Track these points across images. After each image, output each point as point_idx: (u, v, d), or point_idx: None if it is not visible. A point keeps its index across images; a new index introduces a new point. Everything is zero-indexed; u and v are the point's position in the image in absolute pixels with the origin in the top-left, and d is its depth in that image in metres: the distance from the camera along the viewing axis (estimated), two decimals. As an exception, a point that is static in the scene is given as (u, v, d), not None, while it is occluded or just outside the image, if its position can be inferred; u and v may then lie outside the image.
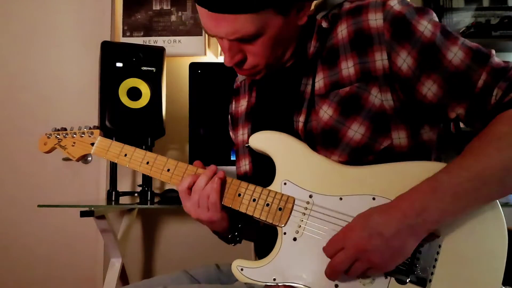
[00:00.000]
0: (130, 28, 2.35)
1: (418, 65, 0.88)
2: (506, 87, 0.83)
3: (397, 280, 0.84)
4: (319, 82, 0.96)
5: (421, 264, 0.83)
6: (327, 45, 0.97)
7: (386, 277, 0.85)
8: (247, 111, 1.13)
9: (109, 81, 1.80)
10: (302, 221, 0.91)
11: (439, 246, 0.84)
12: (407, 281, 0.83)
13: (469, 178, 0.78)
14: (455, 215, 0.81)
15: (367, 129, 0.91)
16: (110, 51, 1.83)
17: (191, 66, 2.05)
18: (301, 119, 0.97)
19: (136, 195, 2.06)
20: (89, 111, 2.18)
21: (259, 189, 0.96)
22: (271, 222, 0.93)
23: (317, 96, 0.96)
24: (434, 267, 0.83)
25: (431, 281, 0.83)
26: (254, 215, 0.95)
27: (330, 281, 0.86)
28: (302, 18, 0.95)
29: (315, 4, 1.03)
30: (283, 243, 0.91)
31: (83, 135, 1.15)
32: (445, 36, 0.89)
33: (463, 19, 2.25)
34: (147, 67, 1.85)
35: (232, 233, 1.06)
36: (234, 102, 1.21)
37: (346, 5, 0.97)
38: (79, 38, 2.39)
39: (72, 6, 2.40)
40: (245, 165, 1.12)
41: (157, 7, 2.35)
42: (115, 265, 1.98)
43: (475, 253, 0.83)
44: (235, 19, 0.87)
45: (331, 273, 0.84)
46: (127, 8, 2.36)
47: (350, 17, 0.94)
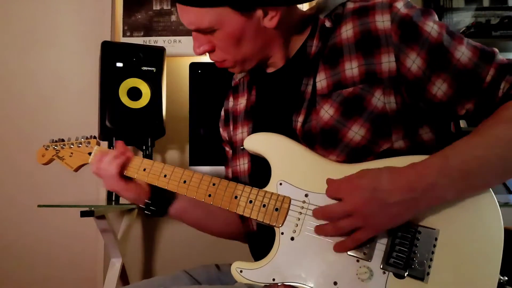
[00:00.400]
0: (130, 28, 2.36)
1: (427, 66, 0.90)
2: None
3: (395, 274, 0.85)
4: (321, 82, 0.96)
5: (419, 257, 0.84)
6: (329, 44, 0.97)
7: (384, 272, 0.85)
8: (246, 110, 1.13)
9: (109, 81, 1.80)
10: (299, 220, 0.91)
11: (436, 239, 0.85)
12: (405, 275, 0.84)
13: (475, 157, 0.81)
14: (460, 192, 0.83)
15: (367, 131, 0.91)
16: (110, 51, 1.83)
17: (191, 66, 2.06)
18: (300, 119, 0.97)
19: (136, 195, 2.05)
20: (89, 111, 2.18)
21: (255, 190, 0.96)
22: (268, 222, 0.93)
23: (319, 95, 0.96)
24: (431, 260, 0.84)
25: (429, 274, 0.84)
26: (251, 217, 0.95)
27: (328, 280, 0.87)
28: (271, 21, 0.95)
29: (317, 3, 1.03)
30: (281, 243, 0.92)
31: (80, 145, 1.16)
32: (451, 36, 0.91)
33: (463, 19, 2.25)
34: (147, 67, 1.85)
35: (143, 205, 1.12)
36: (231, 99, 1.20)
37: (349, 5, 0.97)
38: (79, 38, 2.39)
39: (72, 6, 2.40)
40: (244, 164, 1.12)
41: (157, 7, 2.35)
42: (115, 265, 1.98)
43: (472, 245, 0.84)
44: (192, 11, 0.94)
45: (321, 214, 0.87)
46: (127, 8, 2.36)
47: (356, 17, 0.94)
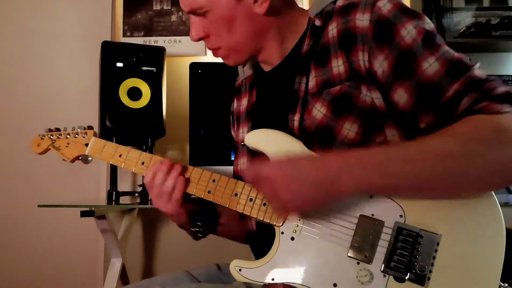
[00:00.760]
0: (130, 28, 2.36)
1: (392, 72, 0.87)
2: (476, 97, 0.80)
3: (396, 278, 0.84)
4: (312, 81, 0.96)
5: (420, 262, 0.83)
6: (320, 44, 0.97)
7: (384, 276, 0.84)
8: (247, 110, 1.14)
9: (109, 81, 1.80)
10: (299, 220, 0.91)
11: (437, 243, 0.83)
12: (406, 279, 0.84)
13: (399, 156, 0.78)
14: (385, 189, 0.81)
15: (359, 127, 0.90)
16: (110, 51, 1.83)
17: (191, 66, 2.06)
18: (296, 118, 0.97)
19: (136, 195, 2.06)
20: (89, 111, 2.18)
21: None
22: (268, 221, 0.93)
23: (310, 95, 0.96)
24: (432, 265, 0.83)
25: (429, 278, 0.82)
26: (251, 215, 0.95)
27: (328, 281, 0.86)
28: (261, 6, 0.95)
29: (312, 1, 1.03)
30: (281, 242, 0.91)
31: (77, 135, 1.13)
32: (426, 44, 0.86)
33: (464, 19, 2.25)
34: (147, 67, 1.85)
35: (193, 228, 1.09)
36: (235, 100, 1.21)
37: (339, 3, 0.97)
38: (79, 38, 2.39)
39: (72, 6, 2.41)
40: (243, 164, 1.12)
41: (157, 7, 2.36)
42: (116, 265, 1.99)
43: (474, 251, 0.83)
44: None
45: (250, 175, 0.86)
46: (127, 8, 2.36)
47: (340, 15, 0.94)
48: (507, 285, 0.85)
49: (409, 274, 0.83)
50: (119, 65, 1.81)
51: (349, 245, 0.87)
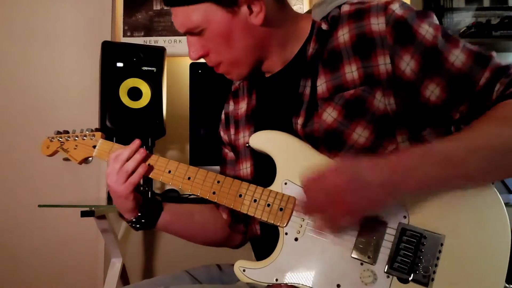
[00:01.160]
0: (130, 28, 2.35)
1: (421, 69, 0.89)
2: (508, 82, 0.85)
3: (399, 279, 0.84)
4: (322, 85, 0.96)
5: (423, 263, 0.83)
6: (327, 48, 0.97)
7: (388, 276, 0.85)
8: (247, 114, 1.12)
9: (109, 81, 1.80)
10: (303, 221, 0.91)
11: (441, 244, 0.84)
12: (410, 279, 0.84)
13: (461, 147, 0.80)
14: (444, 181, 0.81)
15: (371, 132, 0.91)
16: (110, 51, 1.83)
17: (191, 66, 2.05)
18: (299, 121, 0.97)
19: (136, 195, 2.06)
20: (89, 111, 2.18)
21: (259, 189, 0.96)
22: (272, 222, 0.93)
23: (320, 99, 0.95)
24: (436, 266, 0.83)
25: (433, 280, 0.83)
26: (255, 216, 0.95)
27: (332, 282, 0.86)
28: (257, 18, 0.95)
29: (313, 5, 1.03)
30: (285, 243, 0.91)
31: (84, 137, 1.15)
32: (446, 39, 0.90)
33: (464, 19, 2.25)
34: (147, 67, 1.85)
35: (134, 218, 1.09)
36: (232, 103, 1.19)
37: (345, 8, 0.97)
38: (79, 38, 2.39)
39: (72, 6, 2.40)
40: (246, 168, 1.11)
41: (158, 7, 2.35)
42: (116, 265, 1.99)
43: (478, 252, 0.83)
44: (180, 12, 0.95)
45: (306, 185, 0.82)
46: (127, 8, 2.36)
47: (352, 20, 0.94)
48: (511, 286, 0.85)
49: (413, 275, 0.84)
50: (119, 65, 1.81)
51: (353, 246, 0.87)
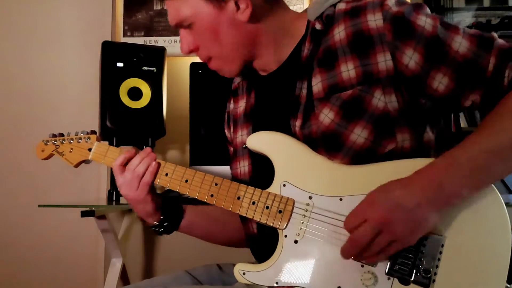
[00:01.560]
0: (130, 28, 2.35)
1: (426, 60, 0.88)
2: None
3: (400, 280, 0.84)
4: (317, 85, 0.95)
5: (424, 264, 0.83)
6: (322, 47, 0.96)
7: (389, 278, 0.85)
8: (246, 113, 1.12)
9: (109, 81, 1.80)
10: (302, 223, 0.90)
11: (442, 245, 0.84)
12: (410, 281, 0.83)
13: (484, 150, 0.80)
14: (475, 187, 0.82)
15: (371, 132, 0.90)
16: (110, 51, 1.83)
17: (191, 66, 2.05)
18: (297, 123, 0.96)
19: (137, 195, 2.05)
20: (89, 111, 2.17)
21: (258, 191, 0.95)
22: (271, 224, 0.93)
23: (316, 99, 0.95)
24: (437, 267, 0.83)
25: (434, 281, 0.83)
26: (254, 218, 0.94)
27: (332, 284, 0.86)
28: (243, 14, 0.95)
29: (309, 6, 1.02)
30: (284, 246, 0.91)
31: (80, 140, 1.13)
32: (446, 27, 0.89)
33: (464, 19, 2.25)
34: (147, 67, 1.85)
35: (157, 221, 1.09)
36: (232, 102, 1.20)
37: (341, 6, 0.96)
38: (79, 38, 2.38)
39: (72, 6, 2.40)
40: (244, 167, 1.10)
41: (158, 7, 2.35)
42: (116, 265, 1.99)
43: (479, 253, 0.83)
44: (172, 5, 0.97)
45: (352, 247, 0.82)
46: (127, 8, 2.36)
47: (347, 18, 0.93)
48: (513, 286, 0.85)
49: (413, 276, 0.83)
50: (120, 65, 1.81)
51: (353, 248, 0.87)
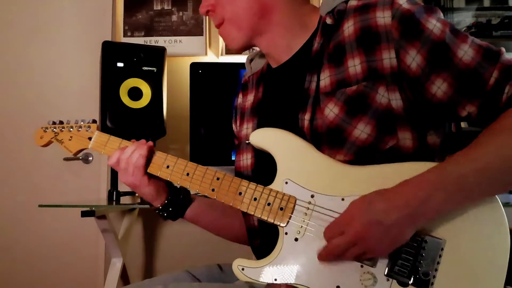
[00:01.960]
0: (131, 28, 2.35)
1: (427, 64, 0.87)
2: None
3: (399, 282, 0.84)
4: (325, 79, 0.95)
5: (424, 267, 0.83)
6: (332, 42, 0.96)
7: (388, 279, 0.84)
8: (253, 106, 1.13)
9: (110, 81, 1.80)
10: (303, 221, 0.90)
11: (442, 249, 0.83)
12: (409, 283, 0.83)
13: (476, 169, 0.79)
14: (458, 204, 0.82)
15: (373, 128, 0.90)
16: (111, 51, 1.83)
17: (192, 66, 2.05)
18: (307, 117, 0.96)
19: (137, 195, 2.06)
20: (90, 111, 2.17)
21: (260, 188, 0.95)
22: (272, 221, 0.92)
23: (322, 94, 0.95)
24: (436, 270, 0.83)
25: (433, 284, 0.82)
26: (255, 215, 0.94)
27: (331, 283, 0.86)
28: None
29: (322, 1, 1.03)
30: (284, 243, 0.91)
31: (80, 129, 1.12)
32: (455, 34, 0.88)
33: (464, 19, 2.25)
34: (148, 67, 1.85)
35: (160, 205, 1.10)
36: (241, 96, 1.21)
37: (352, 2, 0.96)
38: (80, 38, 2.39)
39: (73, 6, 2.40)
40: (247, 159, 1.11)
41: (158, 7, 2.35)
42: (116, 265, 1.99)
43: (478, 256, 0.83)
44: None
45: (326, 256, 0.85)
46: (128, 8, 2.36)
47: (357, 14, 0.93)
48: (511, 288, 0.85)
49: (412, 278, 0.83)
50: (120, 65, 1.81)
51: (353, 248, 0.87)
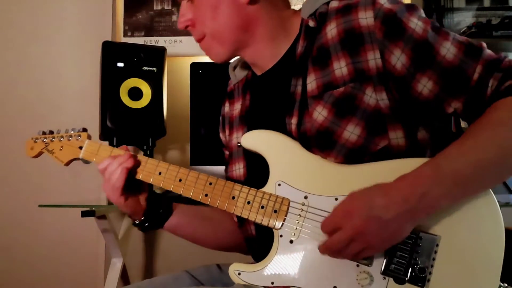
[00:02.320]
0: (131, 28, 2.36)
1: (412, 63, 0.88)
2: (501, 77, 0.85)
3: (396, 280, 0.84)
4: (312, 83, 0.95)
5: (420, 264, 0.83)
6: (316, 45, 0.96)
7: (384, 278, 0.85)
8: (241, 114, 1.12)
9: (110, 81, 1.79)
10: (298, 223, 0.90)
11: (437, 245, 0.84)
12: (406, 280, 0.84)
13: (469, 162, 0.80)
14: (455, 200, 0.83)
15: (363, 129, 0.90)
16: (111, 51, 1.83)
17: (192, 66, 2.05)
18: (293, 121, 0.96)
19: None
20: (90, 111, 2.18)
21: (253, 191, 0.95)
22: (267, 224, 0.92)
23: (310, 97, 0.95)
24: (432, 266, 0.83)
25: (429, 280, 0.83)
26: (249, 218, 0.94)
27: (328, 284, 0.86)
28: None
29: (303, 4, 1.02)
30: (280, 246, 0.91)
31: (70, 138, 1.11)
32: (436, 32, 0.89)
33: (464, 19, 2.25)
34: (148, 67, 1.85)
35: (138, 220, 1.10)
36: (228, 104, 1.19)
37: (333, 4, 0.96)
38: (80, 38, 2.39)
39: (73, 6, 2.40)
40: (239, 169, 1.10)
41: (158, 7, 2.35)
42: (116, 265, 1.99)
43: (473, 252, 0.83)
44: None
45: (325, 250, 0.85)
46: (128, 8, 2.36)
47: (339, 15, 0.93)
48: (507, 285, 0.85)
49: (409, 275, 0.84)
50: (120, 65, 1.81)
51: (349, 248, 0.87)
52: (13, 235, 2.33)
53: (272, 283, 0.89)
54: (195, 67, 2.05)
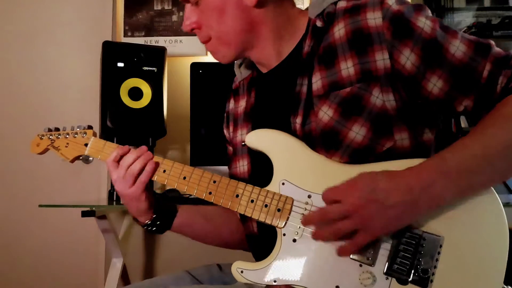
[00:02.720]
0: (131, 28, 2.36)
1: (422, 62, 0.88)
2: (510, 74, 0.85)
3: (398, 280, 0.84)
4: (317, 82, 0.95)
5: (423, 264, 0.83)
6: (323, 45, 0.96)
7: (387, 278, 0.85)
8: (246, 112, 1.12)
9: (110, 81, 1.80)
10: (301, 222, 0.90)
11: (440, 246, 0.84)
12: (409, 281, 0.83)
13: (473, 156, 0.80)
14: (459, 193, 0.82)
15: (369, 130, 0.90)
16: (111, 51, 1.83)
17: (192, 66, 2.05)
18: (298, 120, 0.96)
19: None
20: (90, 111, 2.18)
21: (257, 189, 0.95)
22: (270, 223, 0.92)
23: (315, 97, 0.95)
24: (435, 267, 0.83)
25: (432, 281, 0.83)
26: (252, 216, 0.94)
27: (330, 283, 0.86)
28: None
29: (310, 3, 1.02)
30: (283, 244, 0.91)
31: (76, 135, 1.12)
32: (445, 30, 0.89)
33: (464, 19, 2.25)
34: (148, 67, 1.85)
35: (149, 220, 1.07)
36: (233, 101, 1.19)
37: (341, 4, 0.96)
38: (80, 38, 2.39)
39: (73, 6, 2.41)
40: (243, 166, 1.10)
41: (158, 7, 2.35)
42: (117, 265, 1.99)
43: (476, 253, 0.83)
44: None
45: (315, 217, 0.86)
46: (128, 8, 2.36)
47: (347, 16, 0.93)
48: (510, 287, 0.85)
49: (412, 276, 0.83)
50: (120, 65, 1.81)
51: (352, 247, 0.87)
52: (13, 235, 2.33)
53: (274, 282, 0.89)
54: (195, 67, 2.05)
